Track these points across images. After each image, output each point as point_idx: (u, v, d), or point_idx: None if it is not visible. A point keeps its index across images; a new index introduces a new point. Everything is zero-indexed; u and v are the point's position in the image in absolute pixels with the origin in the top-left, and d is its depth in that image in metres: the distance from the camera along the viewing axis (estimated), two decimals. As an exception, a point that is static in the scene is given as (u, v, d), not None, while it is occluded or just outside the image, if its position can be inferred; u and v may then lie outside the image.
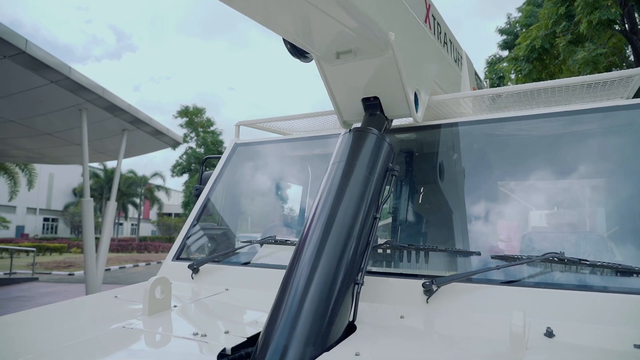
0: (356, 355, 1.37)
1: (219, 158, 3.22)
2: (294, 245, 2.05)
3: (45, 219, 46.38)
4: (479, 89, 4.24)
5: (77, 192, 44.24)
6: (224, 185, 3.04)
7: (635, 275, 1.65)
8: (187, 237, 2.76)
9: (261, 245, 2.59)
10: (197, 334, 1.59)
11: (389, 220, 2.72)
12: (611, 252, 1.85)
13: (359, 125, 2.33)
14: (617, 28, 9.80)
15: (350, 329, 1.62)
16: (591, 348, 1.42)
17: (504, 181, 2.39)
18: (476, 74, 4.22)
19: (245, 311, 2.07)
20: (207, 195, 2.94)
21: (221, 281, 2.38)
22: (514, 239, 2.14)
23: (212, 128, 36.21)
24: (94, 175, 38.24)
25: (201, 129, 35.92)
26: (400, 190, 2.62)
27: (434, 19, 2.74)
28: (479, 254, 1.98)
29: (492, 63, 20.05)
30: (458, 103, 2.69)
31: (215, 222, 2.98)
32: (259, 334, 1.53)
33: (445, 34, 3.02)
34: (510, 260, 1.85)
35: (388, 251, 2.25)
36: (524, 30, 12.86)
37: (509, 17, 18.72)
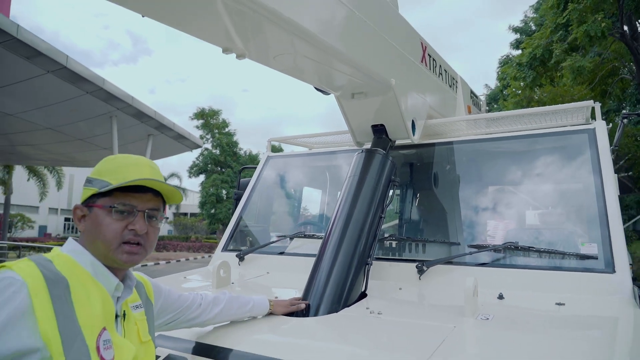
0: (366, 309, 2.06)
1: (254, 168, 3.93)
2: (319, 239, 2.74)
3: (67, 219, 47.85)
4: (474, 105, 4.89)
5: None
6: (259, 190, 3.74)
7: (560, 257, 2.31)
8: (232, 233, 3.46)
9: (291, 239, 3.28)
10: (256, 298, 2.29)
11: (394, 220, 3.41)
12: (555, 241, 2.50)
13: (369, 144, 3.01)
14: (616, 36, 10.29)
15: (363, 295, 2.31)
16: (527, 305, 2.08)
17: (485, 187, 3.05)
18: (472, 92, 4.86)
19: (284, 285, 2.75)
20: (246, 199, 3.64)
21: (262, 267, 3.07)
22: (494, 232, 2.81)
23: (227, 129, 37.06)
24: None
25: (217, 131, 36.77)
26: (402, 195, 3.30)
27: (430, 57, 3.40)
28: (458, 244, 2.65)
29: (505, 63, 20.17)
30: (449, 124, 3.36)
31: (253, 221, 3.68)
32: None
33: (440, 65, 3.68)
34: (480, 248, 2.52)
35: (392, 243, 2.93)
36: (537, 29, 13.29)
37: (525, 15, 18.92)
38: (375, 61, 2.49)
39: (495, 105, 22.09)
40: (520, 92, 12.73)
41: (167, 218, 1.41)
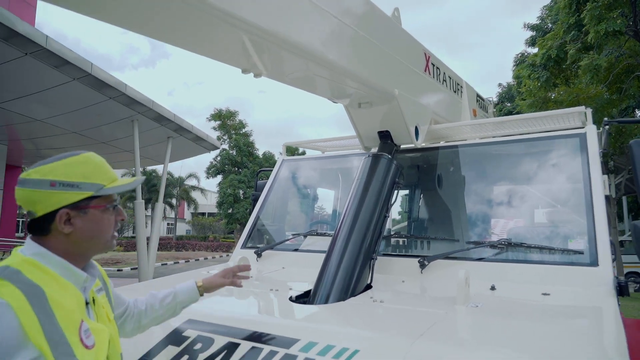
0: (370, 298, 2.31)
1: (271, 170, 4.20)
2: (331, 236, 2.99)
3: (89, 219, 48.85)
4: (480, 108, 5.09)
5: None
6: (275, 192, 4.01)
7: (549, 252, 2.52)
8: (250, 232, 3.74)
9: (305, 237, 3.55)
10: (272, 289, 2.56)
11: (403, 223, 3.65)
12: (545, 238, 2.72)
13: (375, 148, 3.25)
14: (630, 34, 10.31)
15: (368, 287, 2.56)
16: (515, 295, 2.30)
17: (483, 188, 3.27)
18: (478, 95, 5.06)
19: (298, 279, 3.02)
20: (263, 200, 3.92)
21: (278, 262, 3.34)
22: (491, 230, 3.03)
23: (243, 130, 37.52)
24: (133, 177, 40.12)
25: (233, 132, 37.26)
26: (408, 195, 3.54)
27: (434, 66, 3.63)
28: (457, 240, 2.88)
29: (520, 61, 19.98)
30: (452, 129, 3.58)
31: (270, 220, 3.96)
32: (310, 290, 2.47)
33: (444, 73, 3.90)
34: (476, 244, 2.74)
35: (397, 240, 3.18)
36: (553, 26, 13.24)
37: (542, 12, 18.78)
38: (379, 75, 2.74)
39: (508, 104, 22.00)
40: (535, 92, 12.71)
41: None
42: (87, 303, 1.28)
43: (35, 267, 1.17)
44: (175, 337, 1.97)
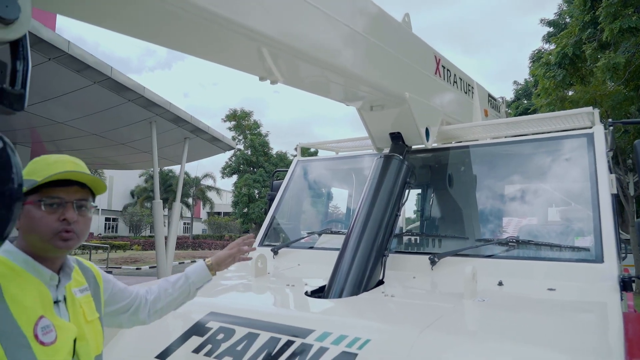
0: (382, 292, 2.42)
1: (286, 171, 4.34)
2: (344, 234, 3.11)
3: (107, 219, 49.87)
4: (492, 108, 5.16)
5: (135, 194, 47.21)
6: (290, 191, 4.14)
7: (556, 249, 2.61)
8: (267, 230, 3.88)
9: (320, 235, 3.67)
10: (289, 284, 2.70)
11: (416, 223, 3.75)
12: (553, 235, 2.80)
13: (387, 149, 3.36)
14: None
15: (380, 282, 2.67)
16: (521, 290, 2.40)
17: (493, 187, 3.36)
18: (489, 95, 5.13)
19: (313, 275, 3.14)
20: (279, 199, 4.05)
21: (294, 259, 3.47)
22: (500, 228, 3.12)
23: (258, 130, 37.80)
24: (150, 177, 40.79)
25: (248, 132, 37.57)
26: (419, 194, 3.65)
27: (444, 68, 3.72)
28: (467, 238, 2.98)
29: (537, 57, 19.61)
30: (463, 129, 3.67)
31: (286, 219, 4.09)
32: (324, 286, 2.60)
33: (455, 74, 3.99)
34: (485, 242, 2.84)
35: (408, 237, 3.28)
36: (570, 21, 13.08)
37: (559, 7, 18.53)
38: (391, 80, 2.85)
39: (525, 102, 21.78)
40: (551, 91, 12.57)
41: (97, 206, 1.54)
42: (57, 301, 1.30)
43: (1, 263, 1.23)
44: (199, 329, 2.11)
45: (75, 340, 1.30)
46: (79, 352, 1.31)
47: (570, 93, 13.68)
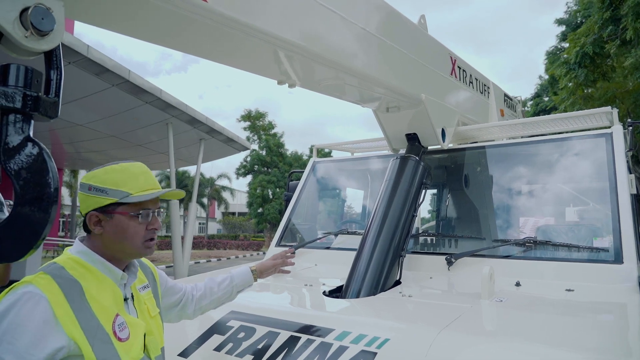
0: (399, 293, 2.45)
1: (302, 172, 4.38)
2: (360, 235, 3.14)
3: (124, 219, 50.40)
4: (508, 107, 5.13)
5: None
6: (307, 192, 4.18)
7: (574, 249, 2.60)
8: (283, 230, 3.93)
9: (336, 235, 3.70)
10: (306, 284, 2.73)
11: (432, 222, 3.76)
12: (571, 236, 2.79)
13: (403, 150, 3.38)
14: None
15: (397, 283, 2.69)
16: (539, 291, 2.40)
17: (511, 187, 3.35)
18: (505, 95, 5.10)
19: (330, 275, 3.18)
20: (295, 200, 4.09)
21: (311, 259, 3.51)
22: (517, 228, 3.11)
23: (273, 131, 37.93)
24: (166, 178, 41.23)
25: (263, 132, 37.71)
26: (437, 194, 3.65)
27: (460, 69, 3.72)
28: (483, 239, 2.98)
29: (552, 54, 19.21)
30: (479, 130, 3.67)
31: (302, 219, 4.13)
32: (342, 286, 2.63)
33: (470, 75, 3.99)
34: (502, 242, 2.84)
35: (426, 238, 3.30)
36: (584, 21, 12.83)
37: (568, 6, 18.23)
38: (407, 81, 2.87)
39: (546, 99, 21.44)
40: (573, 90, 12.32)
41: (163, 209, 1.59)
42: (126, 299, 1.38)
43: (77, 264, 1.30)
44: (220, 327, 2.16)
45: (144, 335, 1.38)
46: (149, 346, 1.40)
47: (589, 90, 13.42)
